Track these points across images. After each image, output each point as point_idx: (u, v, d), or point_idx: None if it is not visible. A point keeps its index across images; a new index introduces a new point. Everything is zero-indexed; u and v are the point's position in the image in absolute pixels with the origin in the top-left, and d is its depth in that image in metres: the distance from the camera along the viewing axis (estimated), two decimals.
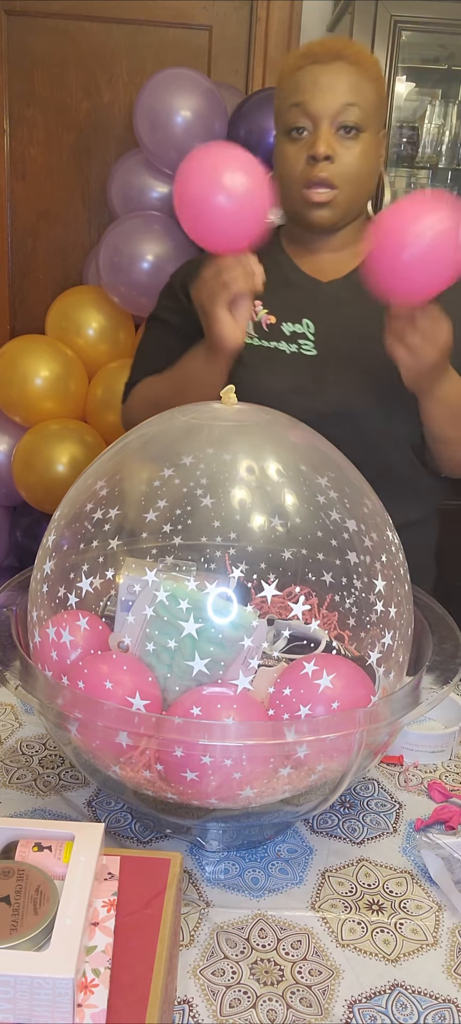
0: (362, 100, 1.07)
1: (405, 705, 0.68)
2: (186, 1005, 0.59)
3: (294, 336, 1.14)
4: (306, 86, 1.07)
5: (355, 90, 1.06)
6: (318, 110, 1.06)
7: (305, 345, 1.13)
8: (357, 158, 1.07)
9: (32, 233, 2.56)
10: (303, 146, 1.08)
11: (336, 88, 1.06)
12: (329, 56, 1.08)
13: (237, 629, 0.65)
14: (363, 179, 1.09)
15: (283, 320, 1.15)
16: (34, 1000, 0.45)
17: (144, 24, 2.40)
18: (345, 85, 1.06)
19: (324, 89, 1.06)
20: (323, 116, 1.06)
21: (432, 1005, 0.60)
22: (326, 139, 1.06)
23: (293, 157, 1.09)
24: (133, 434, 0.78)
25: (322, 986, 0.61)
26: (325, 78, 1.07)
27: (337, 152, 1.06)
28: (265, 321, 1.15)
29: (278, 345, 1.14)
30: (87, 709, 0.63)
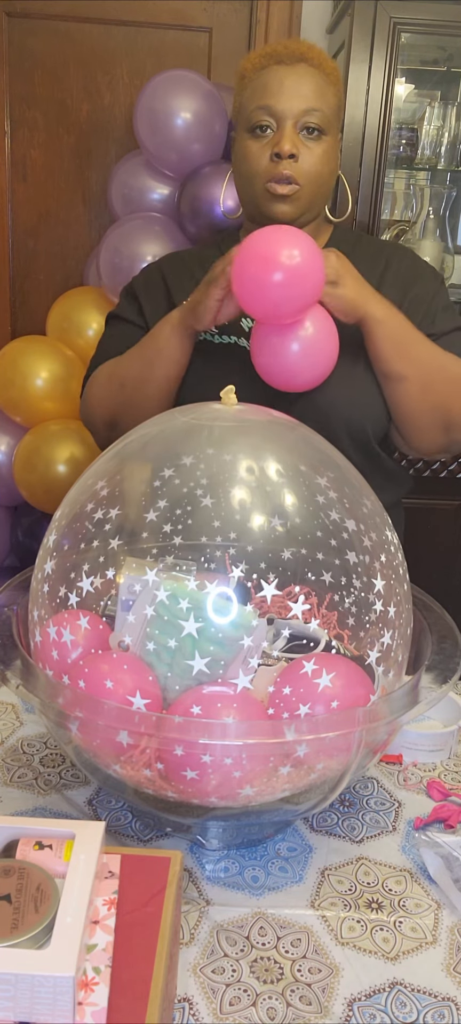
0: (324, 104, 1.10)
1: (404, 704, 0.68)
2: (186, 1003, 0.59)
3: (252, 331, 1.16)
4: (272, 87, 1.10)
5: (318, 94, 1.10)
6: (284, 110, 1.09)
7: None
8: (319, 159, 1.10)
9: (33, 234, 2.56)
10: (267, 144, 1.10)
11: (301, 90, 1.09)
12: (293, 58, 1.11)
13: (237, 628, 0.66)
14: (324, 179, 1.12)
15: (244, 315, 1.15)
16: (35, 998, 0.45)
17: (144, 26, 2.40)
18: (309, 88, 1.09)
19: (289, 91, 1.09)
20: (288, 116, 1.09)
21: (431, 1003, 0.61)
22: (291, 138, 1.08)
23: (257, 154, 1.11)
24: (133, 434, 0.79)
25: (322, 984, 0.61)
26: (290, 80, 1.10)
27: (300, 152, 1.09)
28: None
29: (238, 341, 1.15)
30: (88, 708, 0.64)
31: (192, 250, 1.35)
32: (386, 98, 2.01)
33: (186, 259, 1.28)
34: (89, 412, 1.23)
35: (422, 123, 2.24)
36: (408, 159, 2.25)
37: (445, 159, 2.25)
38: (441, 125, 2.23)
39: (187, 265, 1.25)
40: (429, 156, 2.26)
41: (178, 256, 1.31)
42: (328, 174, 1.13)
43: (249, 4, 2.39)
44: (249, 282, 0.95)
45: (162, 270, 1.26)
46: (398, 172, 2.32)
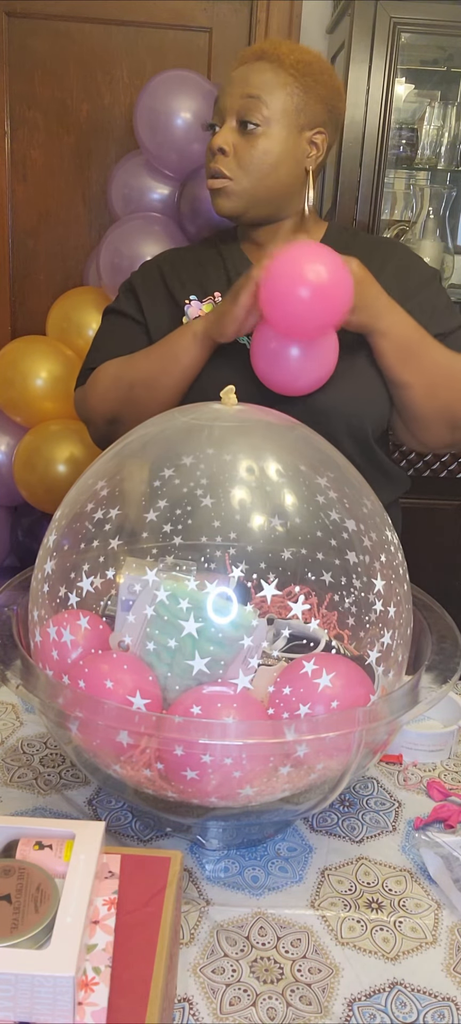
0: (271, 97, 1.09)
1: (404, 704, 0.68)
2: (186, 1003, 0.59)
3: None
4: (224, 85, 1.13)
5: (263, 87, 1.09)
6: (223, 107, 1.12)
7: None
8: (257, 153, 1.10)
9: (33, 234, 2.56)
10: None
11: (241, 85, 1.10)
12: (253, 56, 1.12)
13: (237, 628, 0.66)
14: (266, 173, 1.11)
15: None
16: (35, 998, 0.45)
17: (144, 26, 2.41)
18: (254, 83, 1.09)
19: (233, 86, 1.11)
20: (226, 111, 1.11)
21: (431, 1003, 0.61)
22: (222, 133, 1.11)
23: (207, 151, 1.15)
24: (133, 434, 0.79)
25: (322, 984, 0.61)
26: (237, 75, 1.12)
27: (237, 146, 1.10)
28: None
29: (247, 342, 1.14)
30: (88, 708, 0.64)
31: (190, 247, 1.36)
32: (386, 98, 2.01)
33: (185, 256, 1.28)
34: (89, 406, 1.22)
35: (422, 123, 2.24)
36: (408, 159, 2.25)
37: (445, 159, 2.25)
38: (441, 125, 2.23)
39: (185, 262, 1.25)
40: (429, 156, 2.26)
41: (176, 253, 1.31)
42: (270, 167, 1.11)
43: (249, 4, 2.39)
44: (278, 299, 0.95)
45: (160, 267, 1.26)
46: (398, 172, 2.33)
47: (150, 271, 1.27)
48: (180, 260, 1.27)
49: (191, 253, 1.29)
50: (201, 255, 1.26)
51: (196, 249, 1.31)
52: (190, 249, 1.33)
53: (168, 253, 1.32)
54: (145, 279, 1.26)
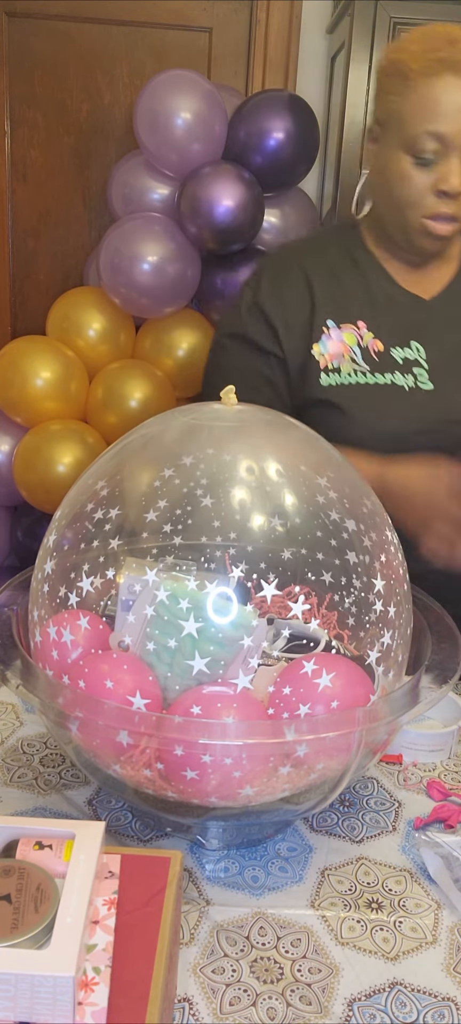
0: None
1: (404, 704, 0.68)
2: (186, 1003, 0.59)
3: (407, 364, 1.06)
4: (445, 108, 0.96)
5: None
6: (454, 140, 0.96)
7: (421, 376, 1.06)
8: None
9: (33, 234, 2.56)
10: (432, 175, 0.98)
11: None
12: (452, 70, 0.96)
13: (237, 628, 0.66)
14: None
15: (391, 345, 1.07)
16: (35, 998, 0.45)
17: (144, 26, 2.40)
18: None
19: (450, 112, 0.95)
20: (452, 143, 0.97)
21: (431, 1003, 0.61)
22: (457, 172, 0.96)
23: (419, 185, 0.99)
24: (133, 434, 0.79)
25: (322, 984, 0.61)
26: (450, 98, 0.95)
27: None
28: (372, 347, 1.07)
29: (393, 378, 1.06)
30: (88, 708, 0.64)
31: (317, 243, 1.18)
32: None
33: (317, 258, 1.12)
34: None
35: None
36: None
37: None
38: None
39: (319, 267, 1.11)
40: None
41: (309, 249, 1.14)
42: None
43: (249, 4, 2.39)
44: None
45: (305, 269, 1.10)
46: None
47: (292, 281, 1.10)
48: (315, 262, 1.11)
49: (322, 256, 1.13)
50: (334, 261, 1.11)
51: (327, 250, 1.14)
52: (319, 247, 1.15)
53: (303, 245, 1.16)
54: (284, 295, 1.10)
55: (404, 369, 1.06)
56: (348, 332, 1.07)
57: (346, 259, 1.10)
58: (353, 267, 1.10)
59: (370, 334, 1.07)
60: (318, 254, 1.13)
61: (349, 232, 1.13)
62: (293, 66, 2.35)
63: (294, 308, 1.10)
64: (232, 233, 2.03)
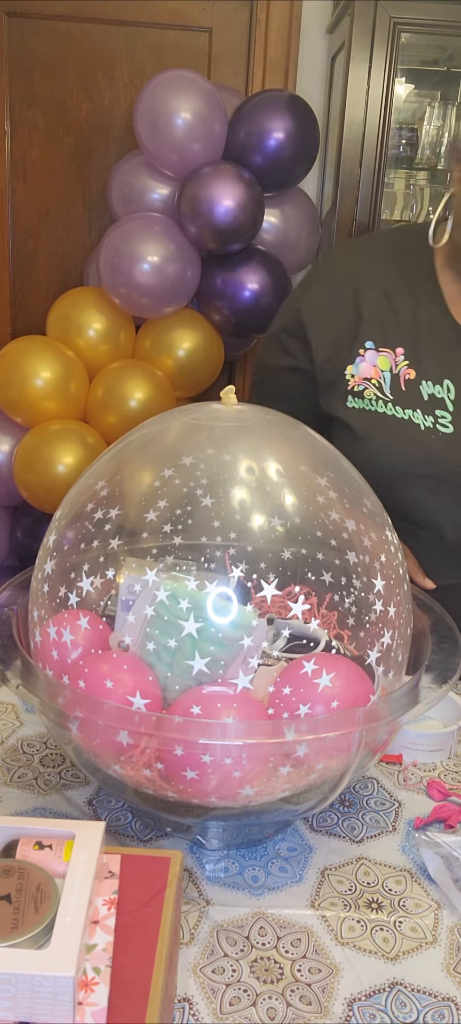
0: None
1: (404, 704, 0.68)
2: (186, 1003, 0.59)
3: (432, 403, 1.04)
4: None
5: None
6: None
7: (442, 419, 1.03)
8: None
9: (33, 234, 2.56)
10: None
11: None
12: None
13: (237, 628, 0.66)
14: None
15: (423, 378, 1.04)
16: (35, 998, 0.45)
17: (144, 26, 2.41)
18: None
19: None
20: None
21: (431, 1003, 0.61)
22: None
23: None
24: (134, 434, 0.79)
25: (322, 984, 0.61)
26: None
27: None
28: (404, 375, 1.05)
29: (413, 416, 1.04)
30: (88, 708, 0.64)
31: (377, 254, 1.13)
32: (386, 98, 2.01)
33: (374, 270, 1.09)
34: None
35: (422, 123, 2.25)
36: (408, 159, 2.25)
37: (445, 159, 2.25)
38: (441, 125, 2.24)
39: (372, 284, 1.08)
40: (429, 156, 2.26)
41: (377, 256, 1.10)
42: None
43: (249, 4, 2.40)
44: None
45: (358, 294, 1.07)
46: (398, 172, 2.33)
47: (339, 284, 1.08)
48: (369, 279, 1.07)
49: (378, 271, 1.08)
50: (390, 278, 1.07)
51: (387, 262, 1.09)
52: (378, 258, 1.10)
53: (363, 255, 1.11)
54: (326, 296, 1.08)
55: (426, 409, 1.04)
56: (383, 356, 1.06)
57: (404, 278, 1.08)
58: (408, 288, 1.07)
59: (405, 362, 1.05)
60: (376, 268, 1.09)
61: (421, 249, 1.08)
62: (293, 66, 2.36)
63: (336, 326, 1.09)
64: (232, 233, 2.03)
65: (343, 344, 1.08)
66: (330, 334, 1.09)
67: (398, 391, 1.05)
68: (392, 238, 1.15)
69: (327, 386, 1.11)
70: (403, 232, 1.17)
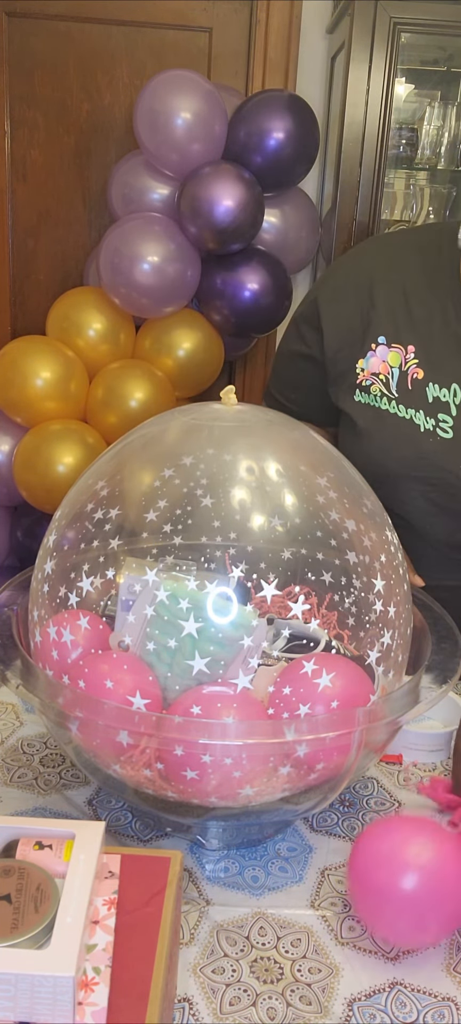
0: None
1: (404, 704, 0.68)
2: (186, 1003, 0.59)
3: (435, 406, 1.03)
4: None
5: None
6: None
7: (443, 423, 1.02)
8: None
9: (33, 234, 2.56)
10: None
11: None
12: None
13: (237, 628, 0.66)
14: None
15: (430, 379, 1.03)
16: (35, 998, 0.45)
17: (144, 26, 2.41)
18: None
19: None
20: None
21: (431, 1003, 0.61)
22: None
23: None
24: (134, 434, 0.79)
25: (322, 984, 0.61)
26: None
27: None
28: (412, 374, 1.04)
29: (415, 416, 1.03)
30: (88, 708, 0.64)
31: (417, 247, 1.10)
32: (386, 98, 2.01)
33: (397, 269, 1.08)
34: None
35: (422, 123, 2.25)
36: (408, 159, 2.25)
37: (445, 159, 2.25)
38: (441, 125, 2.24)
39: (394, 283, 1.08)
40: (429, 156, 2.26)
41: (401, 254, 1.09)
42: None
43: (249, 4, 2.39)
44: None
45: (374, 289, 1.07)
46: (398, 172, 2.33)
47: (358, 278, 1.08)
48: (389, 276, 1.07)
49: (400, 269, 1.08)
50: (410, 278, 1.06)
51: (410, 262, 1.08)
52: (402, 257, 1.09)
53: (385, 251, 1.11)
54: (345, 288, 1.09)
55: (429, 411, 1.03)
56: (394, 352, 1.05)
57: (424, 278, 1.06)
58: (427, 288, 1.06)
59: (415, 361, 1.05)
60: (397, 266, 1.08)
61: (448, 247, 1.05)
62: (293, 66, 2.35)
63: (349, 318, 1.09)
64: (232, 233, 2.03)
65: (355, 336, 1.08)
66: (343, 325, 1.09)
67: (404, 389, 1.05)
68: (419, 235, 1.15)
69: (337, 377, 1.11)
70: (432, 229, 1.16)
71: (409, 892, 0.60)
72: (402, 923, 0.62)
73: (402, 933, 0.63)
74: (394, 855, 0.61)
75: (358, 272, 1.11)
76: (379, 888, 0.61)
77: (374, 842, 0.63)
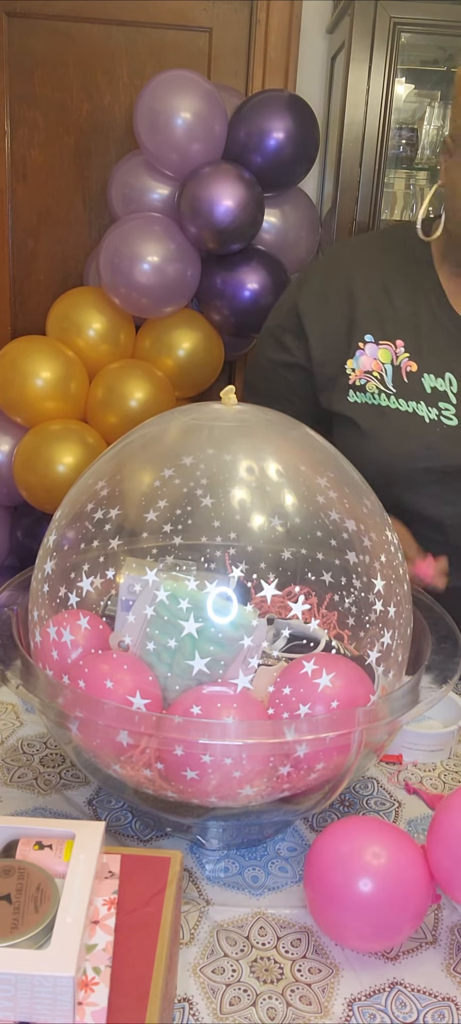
0: None
1: (404, 704, 0.68)
2: (186, 1003, 0.59)
3: (435, 395, 1.03)
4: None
5: None
6: None
7: (446, 411, 1.03)
8: None
9: (33, 234, 2.56)
10: None
11: None
12: None
13: (237, 628, 0.66)
14: None
15: (425, 371, 1.04)
16: (35, 998, 0.45)
17: (144, 26, 2.41)
18: None
19: None
20: None
21: (431, 1003, 0.61)
22: None
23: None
24: (134, 434, 0.79)
25: (322, 984, 0.61)
26: None
27: None
28: (405, 367, 1.05)
29: (417, 408, 1.03)
30: (88, 708, 0.64)
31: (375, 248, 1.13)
32: (386, 98, 2.01)
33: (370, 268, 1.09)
34: None
35: (422, 123, 2.25)
36: (408, 159, 2.25)
37: None
38: (441, 125, 2.24)
39: (370, 280, 1.09)
40: (429, 156, 2.26)
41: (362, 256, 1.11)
42: None
43: (249, 4, 2.39)
44: None
45: (354, 288, 1.07)
46: (398, 172, 2.33)
47: (336, 281, 1.08)
48: (367, 273, 1.08)
49: (376, 266, 1.09)
50: (388, 274, 1.07)
51: (385, 259, 1.10)
52: (377, 254, 1.11)
53: (361, 250, 1.12)
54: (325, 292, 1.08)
55: (430, 400, 1.03)
56: (384, 349, 1.05)
57: (402, 273, 1.07)
58: (406, 283, 1.07)
59: (406, 354, 1.05)
60: (373, 263, 1.10)
61: (418, 244, 1.07)
62: (293, 66, 2.35)
63: (333, 321, 1.08)
64: (232, 233, 2.03)
65: (341, 339, 1.08)
66: (327, 329, 1.09)
67: (400, 383, 1.05)
68: (389, 235, 1.16)
69: (327, 382, 1.10)
70: (399, 229, 1.18)
71: (363, 896, 0.60)
72: (354, 927, 0.62)
73: (353, 937, 0.63)
74: (349, 858, 0.62)
75: (336, 276, 1.10)
76: (333, 891, 0.62)
77: (332, 843, 0.64)
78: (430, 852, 0.64)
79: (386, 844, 0.62)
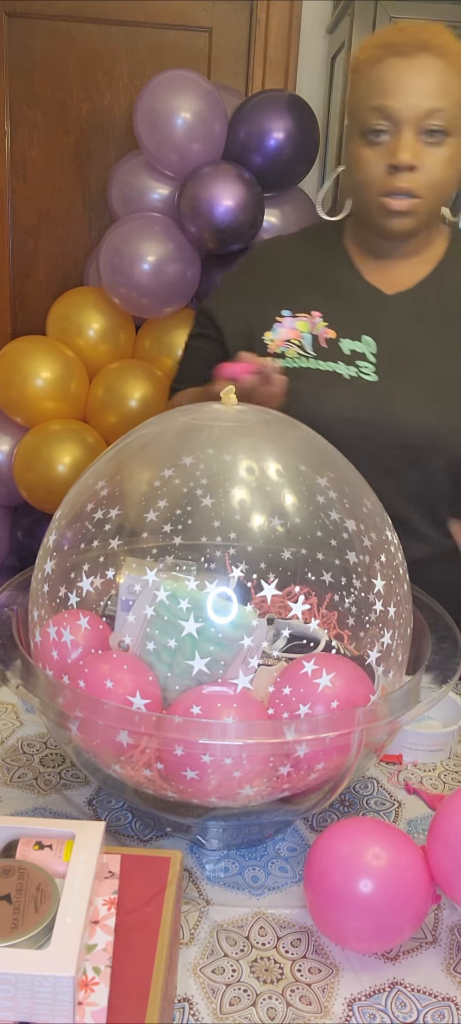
0: (449, 101, 0.96)
1: (404, 704, 0.68)
2: (186, 1003, 0.59)
3: (353, 356, 1.07)
4: (387, 84, 0.96)
5: (442, 89, 0.95)
6: (401, 114, 0.95)
7: (364, 368, 1.06)
8: (442, 164, 0.97)
9: (33, 234, 2.56)
10: (383, 152, 0.98)
11: (421, 88, 0.95)
12: (413, 47, 0.97)
13: (237, 628, 0.66)
14: (447, 186, 1.00)
15: (342, 336, 1.08)
16: (35, 998, 0.45)
17: (144, 26, 2.41)
18: (431, 84, 0.95)
19: (408, 89, 0.95)
20: (406, 120, 0.95)
21: (431, 1003, 0.61)
22: (409, 146, 0.95)
23: (371, 163, 0.99)
24: (134, 434, 0.79)
25: (322, 984, 0.61)
26: (409, 75, 0.95)
27: (421, 159, 0.96)
28: (323, 335, 1.08)
29: (336, 367, 1.06)
30: (88, 708, 0.64)
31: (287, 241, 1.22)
32: None
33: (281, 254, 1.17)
34: None
35: None
36: None
37: None
38: None
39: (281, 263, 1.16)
40: None
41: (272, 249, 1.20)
42: (451, 179, 0.99)
43: (249, 4, 2.40)
44: None
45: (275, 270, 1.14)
46: None
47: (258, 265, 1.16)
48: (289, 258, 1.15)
49: (299, 251, 1.16)
50: (309, 256, 1.14)
51: (305, 245, 1.18)
52: (299, 243, 1.19)
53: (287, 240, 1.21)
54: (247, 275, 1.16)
55: (349, 360, 1.06)
56: (302, 320, 1.08)
57: (319, 254, 1.14)
58: (324, 261, 1.13)
59: (324, 323, 1.09)
60: (293, 254, 1.16)
61: (332, 227, 1.15)
62: (293, 66, 2.35)
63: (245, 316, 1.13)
64: (232, 233, 2.03)
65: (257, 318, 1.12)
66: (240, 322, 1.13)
67: (319, 349, 1.08)
68: (304, 232, 1.24)
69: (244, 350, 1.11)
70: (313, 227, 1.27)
71: (363, 898, 0.60)
72: (354, 929, 0.62)
73: (353, 939, 0.63)
74: (349, 859, 0.62)
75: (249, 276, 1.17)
76: (333, 892, 0.62)
77: (332, 843, 0.64)
78: (430, 853, 0.64)
79: (386, 845, 0.62)
